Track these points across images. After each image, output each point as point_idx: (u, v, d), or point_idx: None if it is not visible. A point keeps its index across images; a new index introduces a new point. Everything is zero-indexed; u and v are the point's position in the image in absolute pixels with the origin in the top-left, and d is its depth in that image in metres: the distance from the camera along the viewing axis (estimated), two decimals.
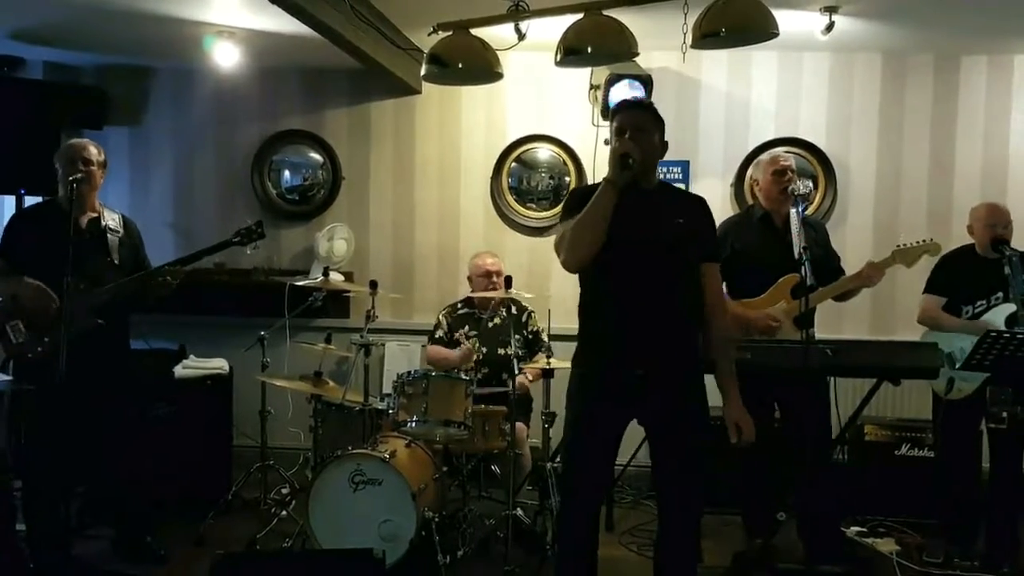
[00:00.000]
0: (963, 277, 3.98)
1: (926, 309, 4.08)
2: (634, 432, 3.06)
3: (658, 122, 2.96)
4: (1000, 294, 3.89)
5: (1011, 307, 3.79)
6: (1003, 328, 3.63)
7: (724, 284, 3.87)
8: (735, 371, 2.97)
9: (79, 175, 3.59)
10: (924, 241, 3.88)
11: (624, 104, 3.15)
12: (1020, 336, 3.40)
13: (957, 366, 3.76)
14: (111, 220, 3.87)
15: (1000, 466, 3.89)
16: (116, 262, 3.80)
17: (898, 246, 3.87)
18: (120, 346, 3.94)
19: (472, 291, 4.65)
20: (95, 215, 3.83)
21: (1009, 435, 3.69)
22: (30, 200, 4.98)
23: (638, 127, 2.90)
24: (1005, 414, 3.57)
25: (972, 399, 3.83)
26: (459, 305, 4.77)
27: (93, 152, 3.76)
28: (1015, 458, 3.88)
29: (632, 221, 2.85)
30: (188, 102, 5.75)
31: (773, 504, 3.95)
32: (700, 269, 2.98)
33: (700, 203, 3.06)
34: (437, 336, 4.69)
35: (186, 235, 5.63)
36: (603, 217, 2.80)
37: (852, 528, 4.36)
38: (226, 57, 4.86)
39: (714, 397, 2.97)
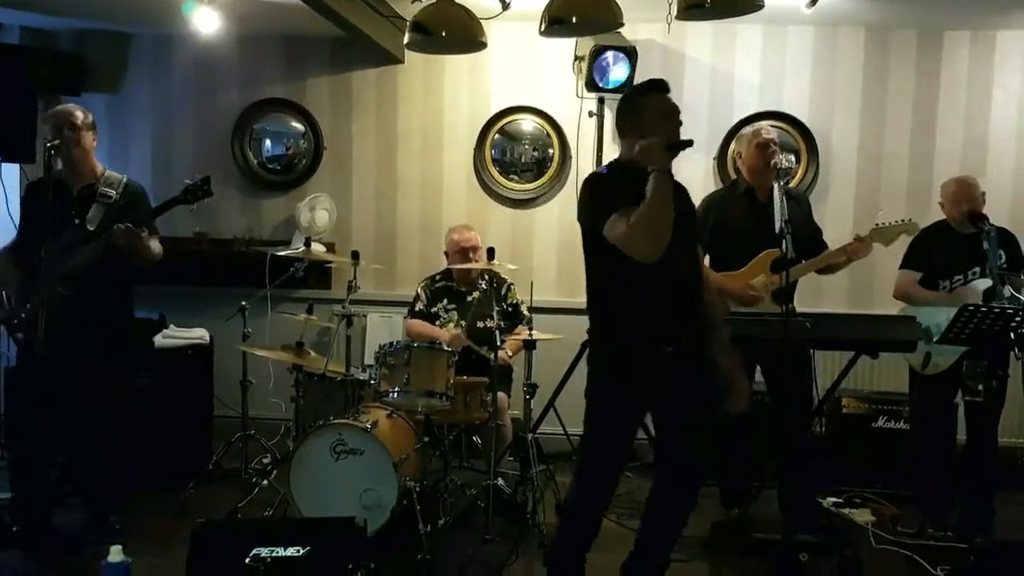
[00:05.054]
0: (939, 252, 4.01)
1: (901, 284, 4.11)
2: None
3: None
4: (977, 268, 3.92)
5: (988, 281, 3.82)
6: (980, 302, 3.66)
7: (707, 258, 3.92)
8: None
9: (56, 141, 3.56)
10: (902, 221, 3.90)
11: (662, 85, 3.12)
12: (997, 310, 3.44)
13: (934, 340, 3.80)
14: (107, 186, 3.76)
15: (976, 438, 3.94)
16: (90, 229, 3.68)
17: (876, 225, 3.88)
18: (107, 315, 3.77)
19: (449, 264, 4.66)
20: (91, 182, 3.75)
21: (985, 407, 3.74)
22: (6, 166, 4.91)
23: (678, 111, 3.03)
24: (981, 387, 3.62)
25: (948, 373, 3.87)
26: (437, 277, 4.75)
27: (79, 116, 3.69)
28: (991, 430, 3.93)
29: None
30: (167, 69, 5.67)
31: (749, 475, 4.01)
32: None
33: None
34: (417, 309, 4.68)
35: None
36: (671, 205, 2.84)
37: (828, 499, 4.42)
38: (206, 23, 4.77)
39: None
